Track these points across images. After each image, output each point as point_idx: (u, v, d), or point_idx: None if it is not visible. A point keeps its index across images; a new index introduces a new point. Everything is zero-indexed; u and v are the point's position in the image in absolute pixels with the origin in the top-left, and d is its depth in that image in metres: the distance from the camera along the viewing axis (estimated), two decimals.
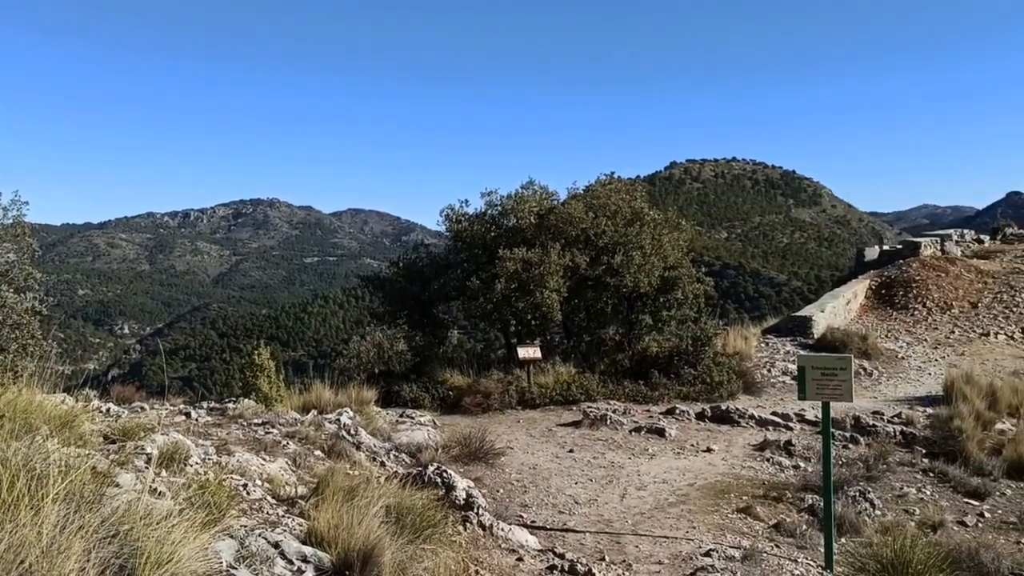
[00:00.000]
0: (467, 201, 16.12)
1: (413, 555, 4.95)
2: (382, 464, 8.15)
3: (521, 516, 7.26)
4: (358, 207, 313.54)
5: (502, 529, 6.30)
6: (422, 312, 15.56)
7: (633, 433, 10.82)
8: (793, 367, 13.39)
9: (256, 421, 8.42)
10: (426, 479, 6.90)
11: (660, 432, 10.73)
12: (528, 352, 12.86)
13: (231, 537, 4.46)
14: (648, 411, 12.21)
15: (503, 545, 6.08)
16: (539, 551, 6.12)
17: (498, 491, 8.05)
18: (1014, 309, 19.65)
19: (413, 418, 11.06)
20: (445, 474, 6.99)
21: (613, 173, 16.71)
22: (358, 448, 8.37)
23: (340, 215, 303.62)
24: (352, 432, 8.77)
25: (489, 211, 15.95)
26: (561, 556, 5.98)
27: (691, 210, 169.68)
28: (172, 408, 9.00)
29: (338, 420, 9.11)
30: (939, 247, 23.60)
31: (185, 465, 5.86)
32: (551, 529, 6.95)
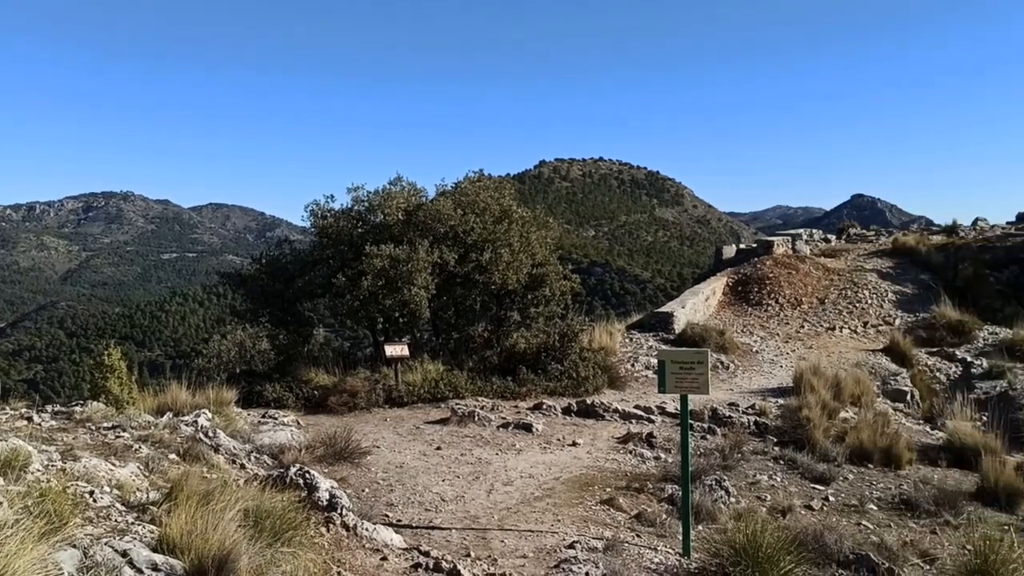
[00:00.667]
0: (333, 196, 15.83)
1: (272, 559, 4.81)
2: (242, 467, 7.90)
3: (387, 515, 7.18)
4: (220, 202, 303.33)
5: (367, 529, 6.21)
6: (286, 310, 15.17)
7: (501, 429, 10.89)
8: (655, 361, 13.79)
9: (106, 425, 8.00)
10: (288, 481, 6.73)
11: (527, 427, 10.84)
12: (396, 350, 12.73)
13: (74, 547, 4.22)
14: (516, 407, 12.32)
15: (367, 545, 5.99)
16: (404, 550, 6.06)
17: (363, 491, 7.93)
18: (857, 304, 20.92)
19: (276, 419, 10.77)
20: (308, 475, 6.83)
21: (482, 171, 16.80)
22: (216, 451, 8.09)
23: (200, 210, 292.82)
24: (210, 434, 8.46)
25: (356, 207, 15.71)
26: (426, 554, 5.95)
27: (560, 208, 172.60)
28: (12, 413, 8.45)
29: (195, 422, 8.77)
30: (790, 246, 24.83)
31: (24, 472, 5.51)
32: (417, 527, 6.90)
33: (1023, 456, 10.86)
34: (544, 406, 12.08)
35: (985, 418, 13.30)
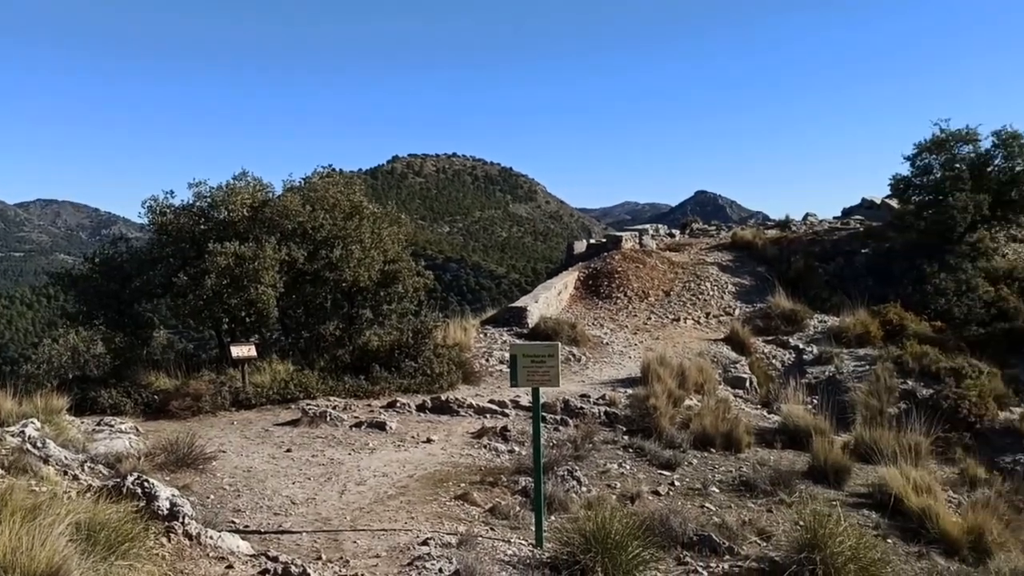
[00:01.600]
0: (173, 192, 15.06)
1: (107, 574, 4.53)
2: (75, 478, 7.41)
3: (233, 522, 6.91)
4: (50, 197, 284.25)
5: (211, 537, 5.95)
6: (122, 311, 14.37)
7: (354, 429, 10.71)
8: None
9: None
10: (125, 490, 6.35)
11: (381, 426, 10.71)
12: (242, 351, 12.30)
13: None
14: (369, 405, 12.15)
15: (212, 554, 5.74)
16: (251, 556, 5.85)
17: (209, 497, 7.61)
18: (700, 296, 21.85)
19: (112, 426, 10.19)
20: (147, 483, 6.48)
21: (331, 166, 16.48)
22: (46, 462, 7.55)
23: (28, 206, 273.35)
24: (39, 445, 7.89)
25: (198, 203, 15.04)
26: (274, 559, 5.76)
27: (414, 204, 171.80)
28: None
29: (22, 432, 8.16)
30: (638, 241, 25.64)
31: None
32: (265, 532, 6.69)
33: (849, 436, 11.63)
34: (398, 404, 11.97)
35: (816, 401, 14.20)
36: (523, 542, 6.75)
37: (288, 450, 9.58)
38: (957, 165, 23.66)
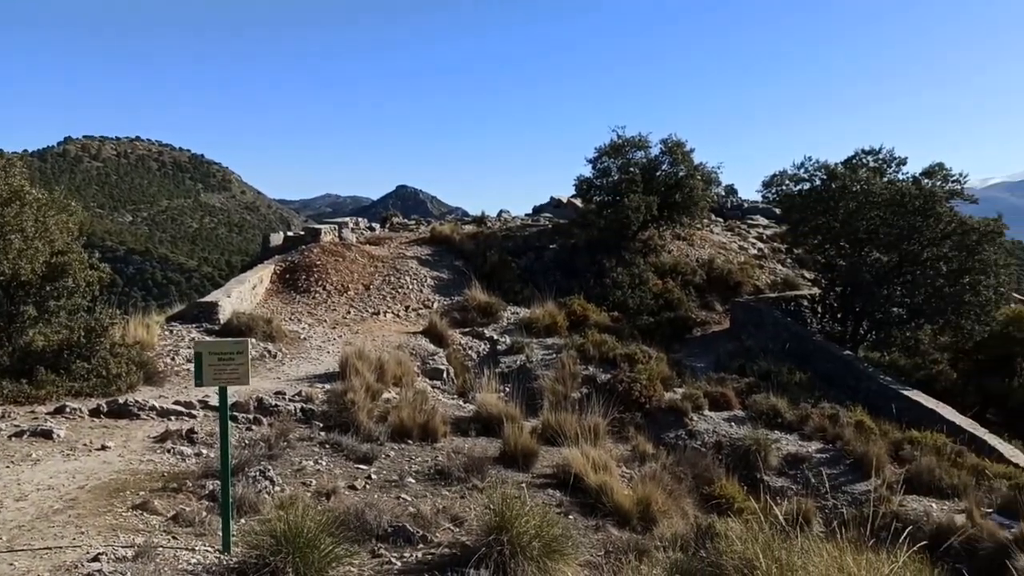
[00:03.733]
0: None
1: None
2: None
3: None
4: None
5: None
6: None
7: (14, 439, 9.52)
8: None
9: None
10: None
11: (47, 434, 9.61)
12: None
13: None
14: (33, 412, 10.86)
15: None
16: None
17: None
18: (399, 290, 22.05)
19: None
20: None
21: None
22: None
23: None
24: None
25: None
26: None
27: (90, 191, 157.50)
28: None
29: None
30: (338, 234, 25.35)
31: None
32: None
33: (538, 421, 12.30)
34: (68, 409, 10.82)
35: (508, 389, 14.88)
36: (209, 549, 6.38)
37: None
38: (632, 169, 25.92)
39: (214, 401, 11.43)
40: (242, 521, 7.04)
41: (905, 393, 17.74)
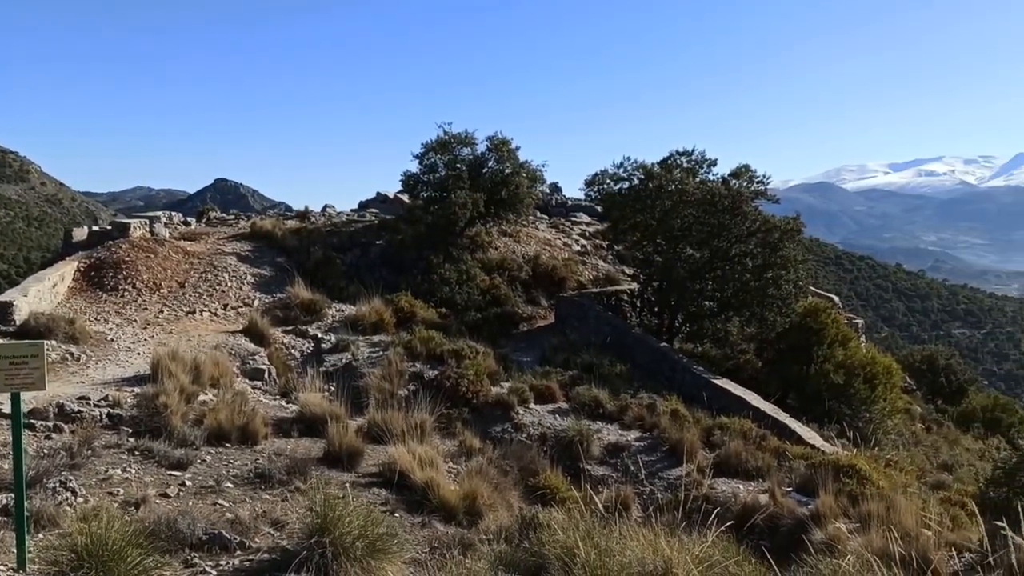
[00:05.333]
0: None
1: None
2: None
3: None
4: None
5: None
6: None
7: None
8: None
9: None
10: None
11: None
12: None
13: None
14: None
15: None
16: None
17: None
18: (217, 287, 21.13)
19: None
20: None
21: None
22: None
23: None
24: None
25: None
26: None
27: None
28: None
29: None
30: (149, 229, 23.96)
31: None
32: None
33: (364, 419, 12.12)
34: None
35: (333, 388, 14.58)
36: (2, 568, 5.86)
37: None
38: (459, 165, 26.03)
39: (7, 408, 10.52)
40: (40, 536, 6.52)
41: (716, 382, 18.79)
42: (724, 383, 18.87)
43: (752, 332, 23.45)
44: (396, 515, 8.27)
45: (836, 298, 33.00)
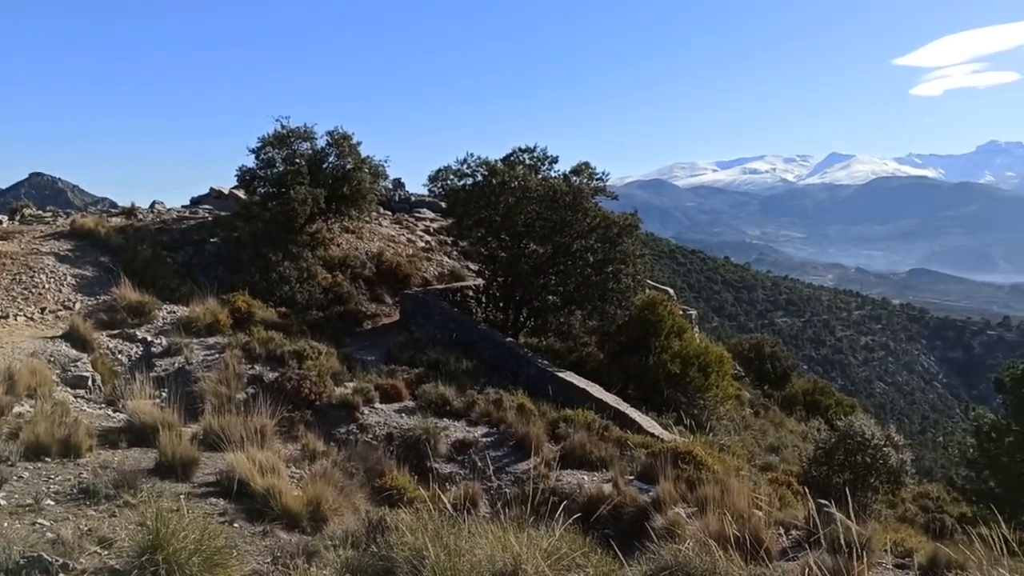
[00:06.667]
0: None
1: None
2: None
3: None
4: None
5: None
6: None
7: None
8: None
9: None
10: None
11: None
12: None
13: None
14: None
15: None
16: None
17: None
18: (33, 290, 19.62)
19: None
20: None
21: None
22: None
23: None
24: None
25: None
26: None
27: None
28: None
29: None
30: None
31: None
32: None
33: (199, 426, 11.53)
34: None
35: (165, 394, 13.81)
36: None
37: None
38: (297, 160, 25.29)
39: None
40: None
41: (560, 375, 19.13)
42: (568, 376, 19.24)
43: (594, 325, 24.02)
44: (236, 525, 7.89)
45: (671, 291, 34.37)
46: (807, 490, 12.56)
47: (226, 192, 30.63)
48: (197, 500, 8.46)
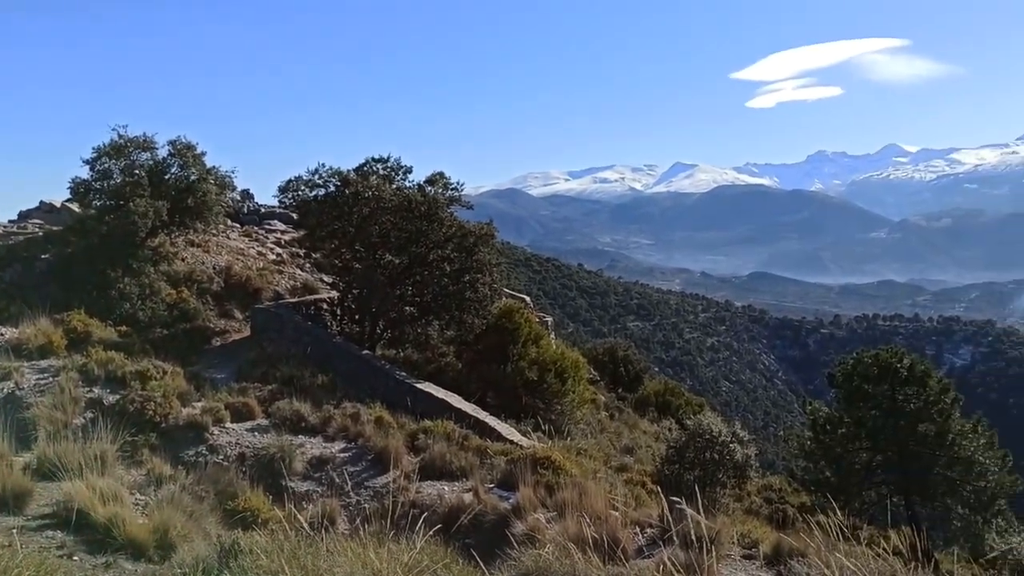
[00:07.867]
0: None
1: None
2: None
3: None
4: None
5: None
6: None
7: None
8: None
9: None
10: None
11: None
12: None
13: None
14: None
15: None
16: None
17: None
18: None
19: None
20: None
21: None
22: None
23: None
24: None
25: None
26: None
27: None
28: None
29: None
30: None
31: None
32: None
33: (32, 455, 10.79)
34: None
35: None
36: None
37: None
38: (137, 171, 24.12)
39: None
40: None
41: (419, 386, 19.03)
42: (427, 387, 19.16)
43: (452, 335, 24.05)
44: (75, 558, 7.42)
45: (528, 298, 34.85)
46: (661, 489, 13.03)
47: (59, 205, 28.84)
48: (32, 534, 7.89)
